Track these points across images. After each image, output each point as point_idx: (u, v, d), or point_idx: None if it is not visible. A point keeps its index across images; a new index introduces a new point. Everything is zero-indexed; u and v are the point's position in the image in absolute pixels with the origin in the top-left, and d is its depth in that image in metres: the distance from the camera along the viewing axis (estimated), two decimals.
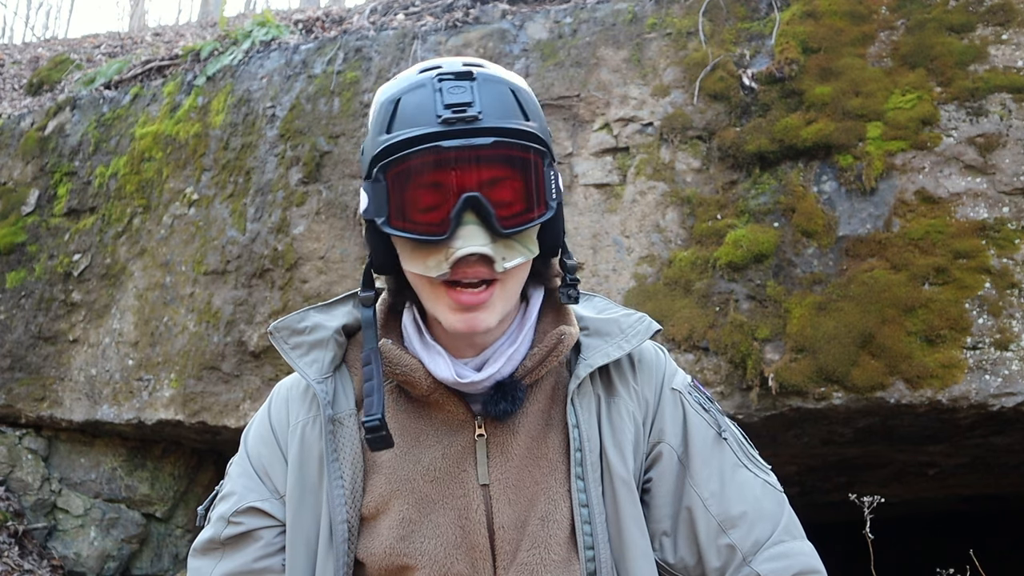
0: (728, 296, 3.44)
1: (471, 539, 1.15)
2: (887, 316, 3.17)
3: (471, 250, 1.06)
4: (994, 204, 3.20)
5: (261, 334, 4.27)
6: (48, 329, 5.08)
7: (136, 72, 5.75)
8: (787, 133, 3.51)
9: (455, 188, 1.06)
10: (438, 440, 1.19)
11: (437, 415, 1.21)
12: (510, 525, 1.16)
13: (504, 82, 1.11)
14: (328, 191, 4.33)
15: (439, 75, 1.09)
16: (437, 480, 1.18)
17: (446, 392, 1.20)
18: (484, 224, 1.07)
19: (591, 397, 1.23)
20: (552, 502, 1.17)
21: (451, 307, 1.11)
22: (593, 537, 1.16)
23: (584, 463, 1.17)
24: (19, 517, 4.90)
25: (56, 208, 5.34)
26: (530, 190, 1.09)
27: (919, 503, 5.57)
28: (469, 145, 1.05)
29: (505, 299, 1.14)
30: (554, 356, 1.20)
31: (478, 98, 1.07)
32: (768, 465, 1.31)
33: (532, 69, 4.12)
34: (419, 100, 1.08)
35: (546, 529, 1.16)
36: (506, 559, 1.15)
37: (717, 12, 3.90)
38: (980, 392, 3.03)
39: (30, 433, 5.18)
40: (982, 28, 3.43)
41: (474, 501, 1.16)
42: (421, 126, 1.06)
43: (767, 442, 3.71)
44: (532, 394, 1.22)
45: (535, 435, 1.20)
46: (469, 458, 1.18)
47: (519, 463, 1.18)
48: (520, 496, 1.18)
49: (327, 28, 5.28)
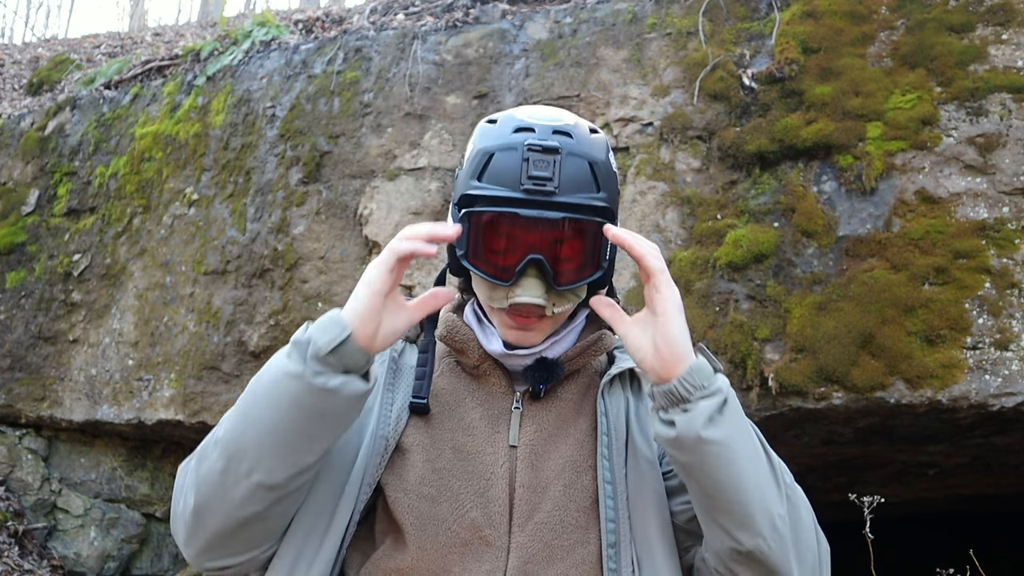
0: (728, 296, 3.44)
1: (491, 492, 1.25)
2: (887, 316, 3.16)
3: (528, 300, 1.25)
4: (994, 204, 3.20)
5: (261, 334, 4.27)
6: (48, 329, 5.08)
7: (136, 72, 5.75)
8: (787, 133, 3.51)
9: (524, 247, 1.23)
10: (480, 404, 1.34)
11: (484, 385, 1.36)
12: (530, 486, 1.26)
13: (585, 156, 1.25)
14: (328, 191, 4.33)
15: (529, 145, 1.23)
16: (473, 435, 1.30)
17: (493, 365, 1.35)
18: (542, 279, 1.24)
19: (620, 397, 1.37)
20: (577, 473, 1.28)
21: (505, 324, 1.31)
22: (616, 511, 1.25)
23: (611, 446, 1.30)
24: (19, 517, 4.90)
25: (56, 208, 5.34)
26: (587, 254, 1.26)
27: (919, 503, 5.57)
28: (542, 217, 1.22)
29: (554, 324, 1.33)
30: (594, 350, 1.37)
31: (558, 173, 1.22)
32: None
33: (532, 69, 4.12)
34: (508, 164, 1.24)
35: (567, 495, 1.25)
36: (522, 517, 1.24)
37: (717, 12, 3.90)
38: (980, 392, 3.03)
39: (30, 433, 5.18)
40: (982, 28, 3.43)
41: (500, 458, 1.28)
42: (506, 187, 1.23)
43: (767, 442, 3.71)
44: (568, 383, 1.36)
45: (567, 417, 1.33)
46: (504, 422, 1.31)
47: (549, 435, 1.31)
48: (545, 463, 1.28)
49: (327, 28, 5.28)
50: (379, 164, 4.25)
